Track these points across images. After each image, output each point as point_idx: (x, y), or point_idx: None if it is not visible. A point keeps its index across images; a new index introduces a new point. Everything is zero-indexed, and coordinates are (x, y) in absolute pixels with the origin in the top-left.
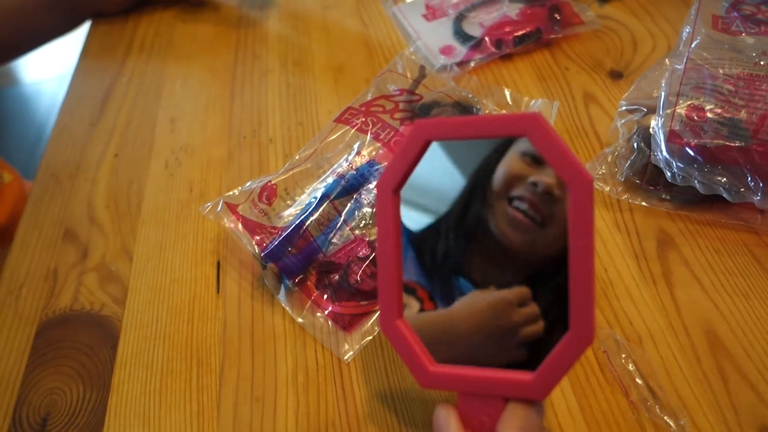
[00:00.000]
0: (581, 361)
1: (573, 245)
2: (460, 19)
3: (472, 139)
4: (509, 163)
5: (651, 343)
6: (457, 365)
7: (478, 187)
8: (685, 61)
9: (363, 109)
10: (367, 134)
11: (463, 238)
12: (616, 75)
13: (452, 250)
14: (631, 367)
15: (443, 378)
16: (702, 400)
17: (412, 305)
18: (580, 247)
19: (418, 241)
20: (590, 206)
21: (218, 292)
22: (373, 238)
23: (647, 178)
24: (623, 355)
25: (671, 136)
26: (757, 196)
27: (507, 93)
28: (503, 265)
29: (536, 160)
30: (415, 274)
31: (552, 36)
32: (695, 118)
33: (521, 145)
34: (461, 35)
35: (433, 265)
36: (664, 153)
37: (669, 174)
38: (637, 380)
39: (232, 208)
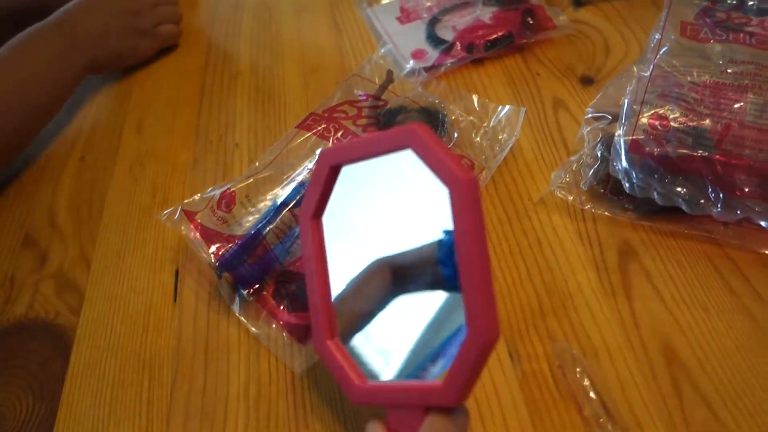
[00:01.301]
0: (536, 376)
1: (459, 247)
2: (433, 22)
3: (367, 158)
4: None
5: (607, 357)
6: (384, 381)
7: None
8: (651, 68)
9: (326, 115)
10: (329, 141)
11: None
12: (586, 81)
13: None
14: (585, 381)
15: (370, 393)
16: (656, 416)
17: None
18: (465, 248)
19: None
20: (472, 207)
21: (175, 301)
22: None
23: (610, 187)
24: (578, 369)
25: (633, 146)
26: (717, 208)
27: (475, 99)
28: None
29: None
30: None
31: (524, 41)
32: (659, 127)
33: None
34: (434, 39)
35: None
36: (624, 163)
37: (627, 185)
38: (591, 395)
39: (190, 215)
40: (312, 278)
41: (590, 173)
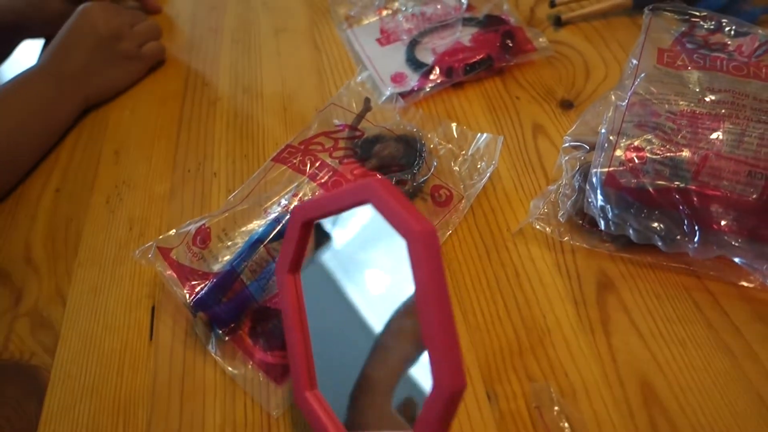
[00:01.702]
0: (513, 417)
1: (419, 297)
2: (413, 44)
3: (335, 213)
4: None
5: (585, 395)
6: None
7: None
8: (629, 96)
9: (302, 147)
10: (303, 175)
11: None
12: (566, 105)
13: None
14: (563, 423)
15: None
16: None
17: None
18: (425, 298)
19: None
20: (429, 257)
21: (151, 339)
22: None
23: (588, 218)
24: (556, 409)
25: (609, 179)
26: (692, 243)
27: (453, 126)
28: None
29: None
30: None
31: (503, 63)
32: (635, 159)
33: None
34: (413, 62)
35: None
36: (599, 199)
37: (603, 222)
38: None
39: (164, 252)
40: (291, 331)
41: (568, 204)
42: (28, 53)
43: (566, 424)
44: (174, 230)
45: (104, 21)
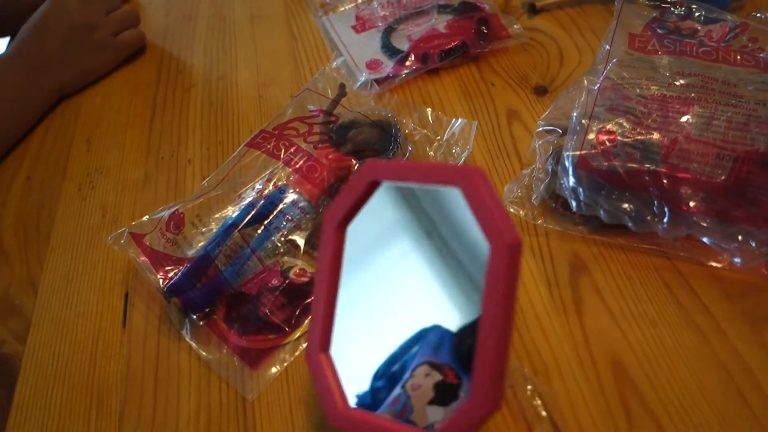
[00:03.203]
0: None
1: (486, 310)
2: (388, 31)
3: (412, 182)
4: None
5: (558, 374)
6: (372, 413)
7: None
8: (600, 81)
9: (276, 132)
10: (278, 160)
11: None
12: (541, 91)
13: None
14: (536, 401)
15: (351, 421)
16: None
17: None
18: (491, 313)
19: (458, 335)
20: (509, 270)
21: (124, 326)
22: (285, 267)
23: (561, 201)
24: (529, 388)
25: (581, 162)
26: (662, 224)
27: (429, 112)
28: None
29: None
30: (449, 359)
31: (478, 50)
32: (606, 142)
33: None
34: (389, 49)
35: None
36: (571, 181)
37: (574, 203)
38: (542, 414)
39: (137, 238)
40: (321, 287)
41: (541, 188)
42: None
43: (539, 402)
44: (147, 216)
45: (78, 9)
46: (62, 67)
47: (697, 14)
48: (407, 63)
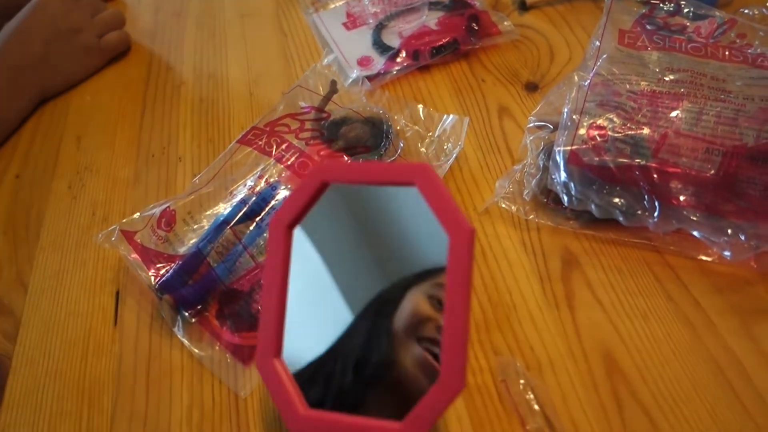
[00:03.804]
0: (480, 390)
1: (449, 295)
2: (379, 28)
3: (366, 184)
4: (417, 303)
5: (550, 368)
6: (330, 411)
7: (378, 323)
8: (591, 76)
9: (267, 129)
10: (270, 156)
11: (362, 380)
12: (531, 87)
13: (348, 391)
14: (529, 395)
15: (313, 423)
16: (597, 428)
17: None
18: (455, 297)
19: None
20: (467, 257)
21: (115, 324)
22: None
23: (553, 196)
24: (522, 382)
25: (572, 157)
26: (652, 218)
27: (420, 108)
28: (396, 401)
29: (442, 305)
30: None
31: (469, 47)
32: (597, 137)
33: (426, 287)
34: (380, 46)
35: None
36: (562, 176)
37: (566, 198)
38: (535, 408)
39: (128, 236)
40: (270, 290)
41: (533, 183)
42: None
43: (531, 396)
44: (138, 214)
45: (63, 12)
46: (45, 71)
47: (685, 11)
48: (398, 60)
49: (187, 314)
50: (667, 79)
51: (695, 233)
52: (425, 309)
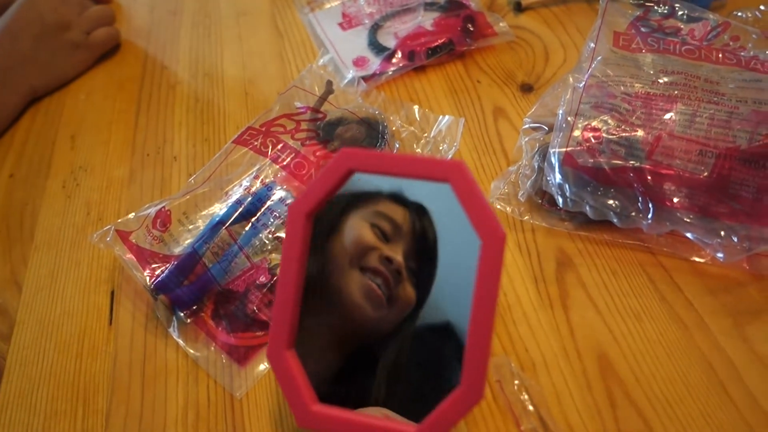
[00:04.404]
0: None
1: (477, 301)
2: (375, 29)
3: (395, 176)
4: (360, 230)
5: (545, 369)
6: (341, 408)
7: (326, 248)
8: (586, 78)
9: (263, 129)
10: (265, 156)
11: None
12: (526, 88)
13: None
14: (523, 395)
15: (324, 419)
16: (590, 428)
17: None
18: (483, 304)
19: None
20: (499, 264)
21: (110, 324)
22: (273, 264)
23: (548, 197)
24: (516, 383)
25: (567, 159)
26: (646, 220)
27: (416, 109)
28: (346, 339)
29: (385, 236)
30: None
31: (465, 48)
32: (592, 139)
33: (366, 214)
34: (375, 46)
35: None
36: (557, 177)
37: (561, 200)
38: (529, 408)
39: (123, 236)
40: (287, 279)
41: (528, 184)
42: None
43: (526, 396)
44: (133, 214)
45: (51, 8)
46: (34, 69)
47: (679, 13)
48: (394, 60)
49: (182, 314)
50: (661, 81)
51: (688, 235)
52: (369, 238)
